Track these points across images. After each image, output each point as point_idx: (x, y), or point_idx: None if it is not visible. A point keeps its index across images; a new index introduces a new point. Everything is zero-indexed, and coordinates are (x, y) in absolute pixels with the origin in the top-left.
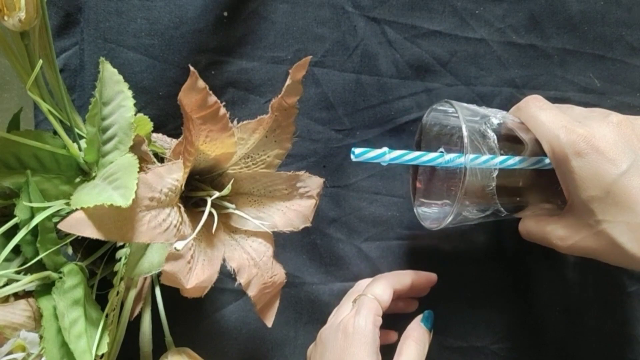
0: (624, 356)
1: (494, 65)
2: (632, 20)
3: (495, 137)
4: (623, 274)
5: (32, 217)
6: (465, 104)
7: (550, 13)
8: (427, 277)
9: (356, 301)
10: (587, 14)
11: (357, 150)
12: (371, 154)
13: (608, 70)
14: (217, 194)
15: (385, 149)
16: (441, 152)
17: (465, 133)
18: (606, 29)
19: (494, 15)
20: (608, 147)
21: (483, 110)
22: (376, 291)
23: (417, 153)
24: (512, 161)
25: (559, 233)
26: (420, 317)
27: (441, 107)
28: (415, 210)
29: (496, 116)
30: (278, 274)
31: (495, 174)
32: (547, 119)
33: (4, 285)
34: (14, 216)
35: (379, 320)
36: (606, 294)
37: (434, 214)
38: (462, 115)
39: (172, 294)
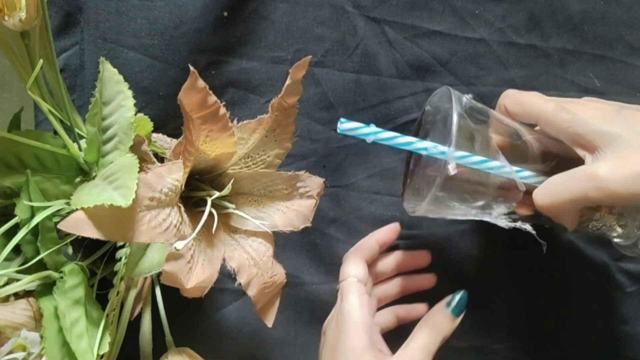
0: (624, 355)
1: (493, 65)
2: (632, 20)
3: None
4: (623, 274)
5: (32, 216)
6: (470, 99)
7: (550, 13)
8: (389, 230)
9: (338, 290)
10: (587, 13)
11: (344, 124)
12: (356, 126)
13: (608, 70)
14: (217, 193)
15: (372, 125)
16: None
17: (455, 121)
18: (606, 28)
19: (494, 15)
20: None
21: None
22: (349, 271)
23: (402, 136)
24: (505, 170)
25: (609, 166)
26: (446, 299)
27: (441, 94)
28: (403, 200)
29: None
30: (278, 273)
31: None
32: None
33: (5, 285)
34: (15, 216)
35: (365, 299)
36: (606, 294)
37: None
38: (455, 102)
39: (172, 294)
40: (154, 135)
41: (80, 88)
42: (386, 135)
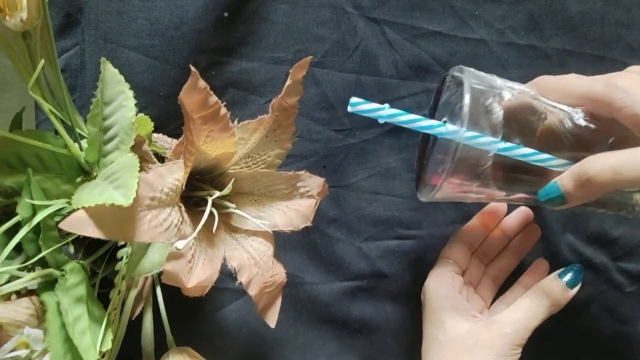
0: (623, 356)
1: (493, 65)
2: (631, 21)
3: (500, 114)
4: (622, 273)
5: (33, 215)
6: (481, 73)
7: (549, 14)
8: (493, 210)
9: None
10: (586, 14)
11: (355, 100)
12: (369, 106)
13: (607, 70)
14: (217, 193)
15: (386, 105)
16: (444, 121)
17: (466, 103)
18: (605, 29)
19: (493, 16)
20: None
21: (501, 81)
22: (443, 253)
23: (416, 116)
24: (519, 152)
25: None
26: (558, 271)
27: (455, 74)
28: (415, 185)
29: (512, 90)
30: (278, 273)
31: (490, 154)
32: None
33: (6, 283)
34: (16, 214)
35: (447, 275)
36: (605, 294)
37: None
38: (468, 83)
39: (173, 294)
40: (155, 135)
41: (81, 88)
42: (401, 119)
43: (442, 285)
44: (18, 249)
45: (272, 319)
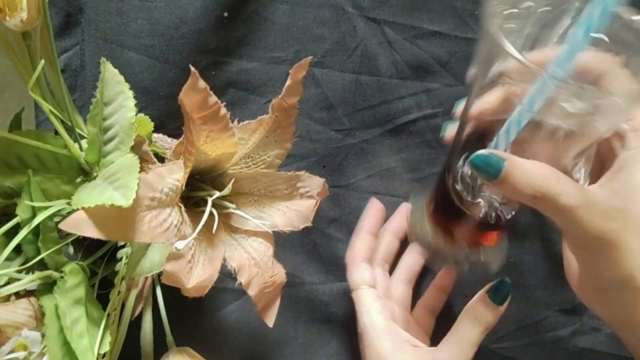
0: (623, 355)
1: None
2: None
3: None
4: None
5: (33, 216)
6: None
7: None
8: (373, 215)
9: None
10: None
11: None
12: None
13: None
14: (217, 193)
15: None
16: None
17: None
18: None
19: None
20: None
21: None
22: (355, 280)
23: None
24: None
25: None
26: (486, 288)
27: None
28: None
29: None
30: (278, 273)
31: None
32: None
33: (5, 284)
34: (16, 215)
35: (377, 305)
36: None
37: None
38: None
39: (173, 294)
40: (155, 135)
41: (81, 88)
42: None
43: (374, 319)
44: (17, 250)
45: (270, 319)
